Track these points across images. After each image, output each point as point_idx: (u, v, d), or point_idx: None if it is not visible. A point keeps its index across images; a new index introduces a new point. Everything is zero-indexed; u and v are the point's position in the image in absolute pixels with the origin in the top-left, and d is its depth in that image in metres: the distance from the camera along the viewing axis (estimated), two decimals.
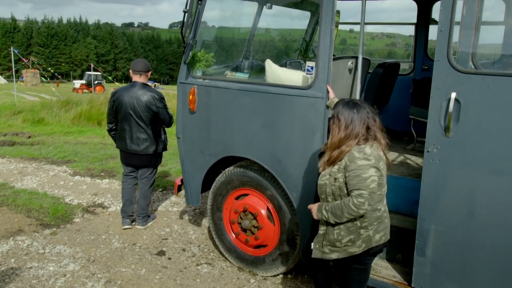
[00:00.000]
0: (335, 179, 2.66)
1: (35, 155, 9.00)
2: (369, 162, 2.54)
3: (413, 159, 4.37)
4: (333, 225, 2.72)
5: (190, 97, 4.18)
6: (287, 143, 3.62)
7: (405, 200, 3.73)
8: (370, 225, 2.69)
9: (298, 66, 4.70)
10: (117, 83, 47.60)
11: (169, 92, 22.71)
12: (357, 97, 3.68)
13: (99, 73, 49.12)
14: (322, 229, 2.82)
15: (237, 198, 4.23)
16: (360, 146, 2.60)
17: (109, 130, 5.17)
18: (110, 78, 43.30)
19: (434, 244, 3.10)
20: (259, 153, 3.83)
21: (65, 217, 5.46)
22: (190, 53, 4.09)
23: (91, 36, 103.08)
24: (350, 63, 4.12)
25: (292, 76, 3.74)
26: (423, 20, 5.55)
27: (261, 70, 4.16)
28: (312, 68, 3.42)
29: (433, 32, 5.49)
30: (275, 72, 3.84)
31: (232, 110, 3.94)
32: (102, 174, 7.56)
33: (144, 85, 4.92)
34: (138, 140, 4.90)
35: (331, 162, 2.69)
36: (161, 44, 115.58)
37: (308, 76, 3.48)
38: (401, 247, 3.56)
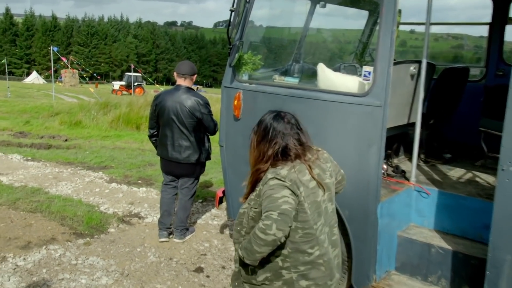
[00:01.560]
0: (250, 207, 2.45)
1: (71, 160, 9.36)
2: (281, 182, 2.30)
3: (483, 177, 4.20)
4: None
5: (235, 102, 4.21)
6: (339, 156, 3.53)
7: (472, 223, 3.58)
8: (293, 267, 2.41)
9: (354, 71, 4.63)
10: (157, 85, 48.89)
11: (212, 96, 23.04)
12: (420, 107, 3.58)
13: (139, 74, 50.69)
14: (236, 266, 2.62)
15: None
16: (275, 168, 2.39)
17: (150, 136, 5.28)
18: (150, 80, 44.61)
19: (510, 278, 2.94)
20: None
21: (99, 226, 5.62)
22: (236, 55, 4.12)
23: (132, 35, 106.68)
24: (412, 68, 4.02)
25: (346, 82, 3.69)
26: (499, 20, 5.34)
27: (313, 74, 4.13)
28: (369, 73, 3.35)
29: (511, 33, 5.29)
30: (328, 77, 3.80)
31: None
32: (139, 182, 7.75)
33: (189, 89, 4.99)
34: (180, 147, 4.96)
35: (250, 189, 2.51)
36: (204, 44, 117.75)
37: (365, 82, 3.41)
38: (468, 278, 3.41)
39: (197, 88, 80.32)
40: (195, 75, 5.06)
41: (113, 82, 52.30)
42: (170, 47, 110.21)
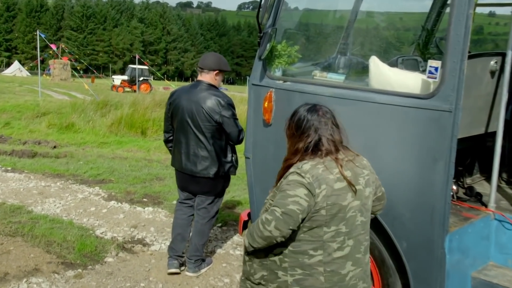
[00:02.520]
0: (269, 198, 2.84)
1: (61, 171, 9.56)
2: (300, 179, 2.62)
3: None
4: (248, 254, 2.86)
5: (266, 104, 4.24)
6: (396, 172, 3.54)
7: None
8: (291, 269, 2.70)
9: (415, 66, 4.61)
10: (168, 81, 49.49)
11: (235, 95, 23.24)
12: (502, 112, 3.53)
13: (145, 67, 51.23)
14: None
15: None
16: (301, 162, 2.71)
17: (166, 141, 5.42)
18: (159, 74, 45.16)
19: None
20: None
21: (94, 255, 5.71)
22: (268, 45, 4.16)
23: (137, 18, 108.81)
24: (493, 62, 3.97)
25: (406, 80, 3.68)
26: None
27: (363, 70, 4.13)
28: (436, 69, 3.33)
29: None
30: (383, 74, 3.79)
31: None
32: (144, 200, 7.86)
33: (210, 87, 5.03)
34: (196, 157, 4.99)
35: (276, 182, 2.85)
36: (226, 31, 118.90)
37: (430, 80, 3.39)
38: None
39: None
40: (217, 72, 5.06)
41: (113, 76, 53.00)
42: (183, 34, 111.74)
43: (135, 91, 43.41)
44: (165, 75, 79.12)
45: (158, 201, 7.82)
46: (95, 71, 58.12)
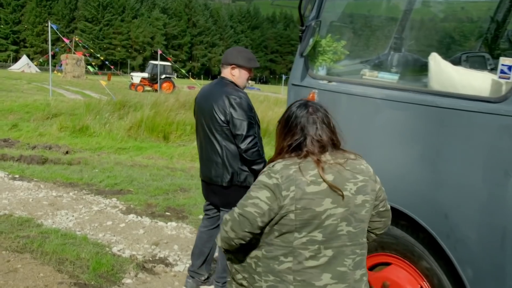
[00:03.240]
0: None
1: (74, 180, 9.69)
2: (267, 180, 2.76)
3: None
4: (227, 253, 3.04)
5: None
6: (460, 186, 3.49)
7: None
8: (264, 274, 2.85)
9: (483, 64, 4.54)
10: (193, 80, 49.72)
11: (269, 96, 23.32)
12: None
13: (168, 63, 51.84)
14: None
15: (372, 267, 4.17)
16: (277, 161, 2.85)
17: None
18: (183, 71, 45.22)
19: None
20: (411, 200, 3.75)
21: (111, 275, 5.76)
22: (311, 40, 4.16)
23: (159, 8, 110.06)
24: None
25: (473, 80, 3.62)
26: None
27: (421, 69, 4.09)
28: (510, 68, 3.27)
29: None
30: (445, 73, 3.75)
31: (373, 130, 3.92)
32: (167, 213, 7.92)
33: (227, 83, 5.16)
34: (210, 162, 5.14)
35: None
36: (259, 23, 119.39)
37: (502, 81, 3.34)
38: None
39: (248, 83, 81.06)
40: (233, 66, 5.18)
41: (132, 74, 53.75)
42: (211, 27, 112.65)
43: (156, 90, 44.00)
44: (190, 73, 79.75)
45: (182, 215, 7.86)
46: (112, 67, 58.73)
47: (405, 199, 3.78)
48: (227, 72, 5.19)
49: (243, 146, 4.91)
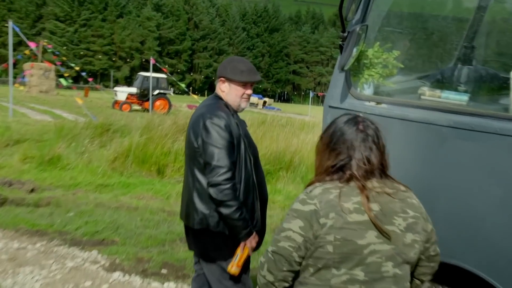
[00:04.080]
0: None
1: (42, 227, 9.62)
2: (301, 208, 2.95)
3: None
4: None
5: None
6: None
7: None
8: None
9: None
10: (194, 96, 49.52)
11: (293, 118, 23.17)
12: None
13: (163, 75, 51.70)
14: None
15: None
16: (316, 184, 3.05)
17: None
18: (182, 85, 44.82)
19: None
20: (486, 259, 3.74)
21: None
22: (355, 50, 4.18)
23: (151, 5, 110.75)
24: None
25: None
26: None
27: (499, 88, 4.07)
28: None
29: None
30: None
31: (436, 166, 3.92)
32: (163, 271, 7.88)
33: (212, 99, 5.35)
34: (183, 198, 5.33)
35: None
36: (280, 24, 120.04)
37: None
38: None
39: (264, 102, 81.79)
40: (222, 79, 5.27)
41: (116, 89, 53.35)
42: (218, 29, 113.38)
43: (147, 110, 44.03)
44: (191, 88, 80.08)
45: (182, 273, 7.79)
46: (90, 80, 58.50)
47: (480, 257, 3.77)
48: (217, 87, 5.36)
49: (209, 178, 4.90)
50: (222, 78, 5.25)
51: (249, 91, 5.31)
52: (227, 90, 5.26)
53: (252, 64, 5.39)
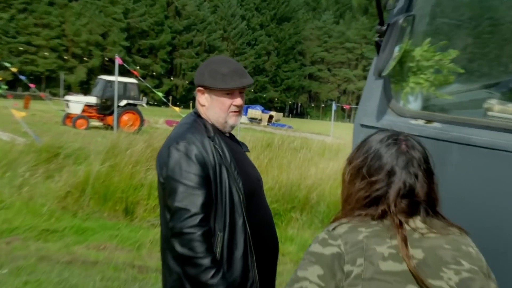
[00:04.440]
0: None
1: None
2: (321, 250, 2.92)
3: None
4: None
5: None
6: None
7: None
8: None
9: None
10: (176, 108, 49.30)
11: (309, 140, 23.10)
12: None
13: (132, 80, 51.55)
14: None
15: None
16: (340, 221, 3.04)
17: None
18: (159, 93, 44.62)
19: None
20: None
21: None
22: (397, 49, 4.19)
23: None
24: None
25: None
26: None
27: None
28: None
29: None
30: None
31: (510, 204, 3.91)
32: None
33: (188, 120, 5.39)
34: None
35: None
36: (290, 11, 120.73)
37: None
38: None
39: (270, 117, 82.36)
40: (200, 90, 5.31)
41: (68, 97, 53.40)
42: (207, 17, 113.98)
43: (110, 126, 43.91)
44: (171, 97, 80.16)
45: None
46: (32, 86, 58.26)
47: None
48: (196, 101, 5.40)
49: (170, 224, 4.96)
50: (200, 88, 5.28)
51: (238, 101, 5.24)
52: (207, 104, 5.27)
53: (239, 64, 5.41)
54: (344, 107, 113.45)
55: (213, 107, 5.23)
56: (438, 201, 3.04)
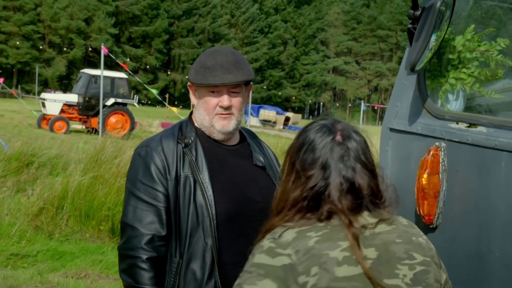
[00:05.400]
0: None
1: None
2: (269, 262, 2.97)
3: None
4: None
5: (424, 178, 4.26)
6: None
7: None
8: None
9: None
10: (173, 109, 49.32)
11: None
12: None
13: (121, 74, 51.57)
14: None
15: None
16: (285, 225, 3.10)
17: None
18: (153, 91, 44.44)
19: None
20: None
21: None
22: (434, 37, 4.19)
23: None
24: None
25: None
26: None
27: None
28: None
29: None
30: None
31: None
32: None
33: (178, 123, 5.49)
34: None
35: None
36: None
37: None
38: None
39: (286, 119, 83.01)
40: (189, 84, 5.40)
41: (44, 95, 53.42)
42: (212, 0, 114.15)
43: (94, 130, 43.98)
44: (167, 94, 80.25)
45: None
46: (0, 80, 58.20)
47: None
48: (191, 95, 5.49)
49: (121, 237, 5.14)
50: (189, 83, 5.36)
51: (224, 101, 5.11)
52: (196, 102, 5.34)
53: (236, 55, 5.25)
54: (375, 107, 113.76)
55: (198, 107, 5.28)
56: (383, 193, 3.11)
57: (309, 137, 3.11)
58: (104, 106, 45.04)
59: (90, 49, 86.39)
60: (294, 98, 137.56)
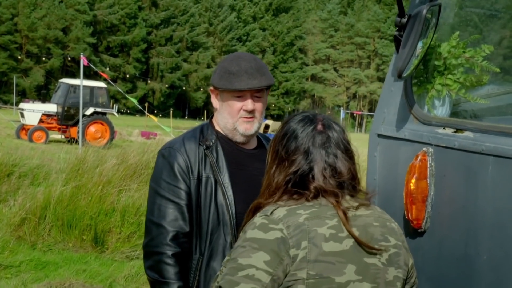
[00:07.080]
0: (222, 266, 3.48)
1: None
2: (263, 236, 3.21)
3: None
4: None
5: (413, 183, 4.30)
6: None
7: None
8: None
9: None
10: (153, 118, 49.08)
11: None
12: None
13: (100, 83, 51.31)
14: None
15: None
16: (274, 204, 3.36)
17: None
18: (133, 100, 44.01)
19: None
20: None
21: None
22: (421, 44, 4.23)
23: None
24: None
25: None
26: None
27: None
28: None
29: None
30: None
31: None
32: None
33: (198, 126, 5.65)
34: None
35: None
36: (288, 1, 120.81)
37: None
38: None
39: (266, 127, 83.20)
40: (211, 89, 5.55)
41: (23, 105, 53.10)
42: (190, 7, 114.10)
43: (74, 139, 43.74)
44: (147, 103, 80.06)
45: None
46: None
47: None
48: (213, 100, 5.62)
49: (146, 237, 5.24)
50: (211, 88, 5.47)
51: (249, 105, 5.24)
52: (218, 107, 5.44)
53: (257, 61, 5.40)
54: (355, 114, 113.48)
55: (222, 111, 5.41)
56: (358, 180, 3.34)
57: (292, 127, 3.38)
58: (84, 115, 44.71)
59: (68, 58, 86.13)
60: (273, 105, 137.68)
